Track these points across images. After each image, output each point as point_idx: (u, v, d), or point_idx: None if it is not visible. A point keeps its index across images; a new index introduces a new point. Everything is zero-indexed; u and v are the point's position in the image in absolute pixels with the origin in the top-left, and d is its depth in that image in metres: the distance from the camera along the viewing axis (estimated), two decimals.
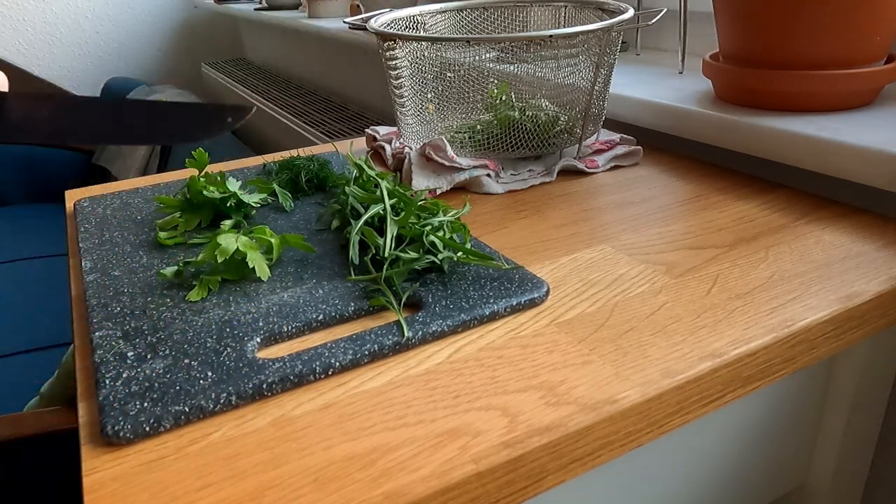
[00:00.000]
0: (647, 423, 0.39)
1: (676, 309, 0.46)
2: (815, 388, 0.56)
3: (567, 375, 0.39)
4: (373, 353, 0.41)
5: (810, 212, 0.60)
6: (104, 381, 0.39)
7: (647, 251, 0.54)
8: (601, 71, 0.69)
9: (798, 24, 0.63)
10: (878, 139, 0.58)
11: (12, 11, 2.48)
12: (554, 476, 0.36)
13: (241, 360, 0.40)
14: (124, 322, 0.45)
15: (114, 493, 0.32)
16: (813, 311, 0.45)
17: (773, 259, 0.52)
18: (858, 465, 0.61)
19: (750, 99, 0.70)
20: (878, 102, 0.68)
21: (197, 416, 0.37)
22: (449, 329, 0.43)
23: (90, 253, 0.56)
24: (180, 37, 2.79)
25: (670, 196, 0.65)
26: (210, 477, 0.33)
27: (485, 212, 0.63)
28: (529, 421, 0.36)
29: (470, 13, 0.83)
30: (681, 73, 0.87)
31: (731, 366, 0.41)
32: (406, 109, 0.73)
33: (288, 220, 0.61)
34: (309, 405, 0.38)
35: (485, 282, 0.48)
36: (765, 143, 0.65)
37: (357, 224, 0.51)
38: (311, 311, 0.45)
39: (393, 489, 0.32)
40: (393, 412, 0.37)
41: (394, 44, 0.68)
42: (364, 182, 0.60)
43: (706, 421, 0.46)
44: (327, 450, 0.35)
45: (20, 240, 2.01)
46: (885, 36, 0.64)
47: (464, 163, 0.68)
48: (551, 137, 0.70)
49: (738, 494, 0.55)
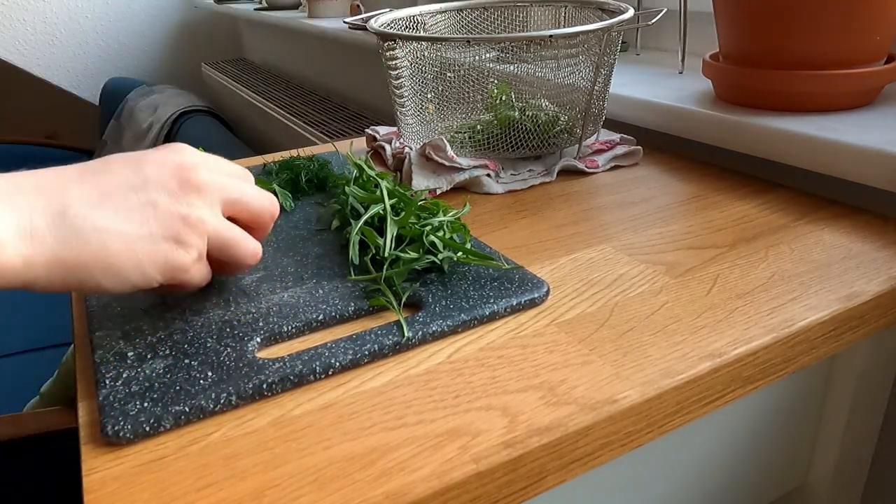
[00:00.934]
0: (647, 423, 0.39)
1: (676, 309, 0.46)
2: (815, 388, 0.56)
3: (567, 375, 0.39)
4: (373, 353, 0.41)
5: (810, 212, 0.60)
6: (104, 381, 0.39)
7: (647, 251, 0.54)
8: (601, 71, 0.69)
9: (798, 24, 0.63)
10: (878, 139, 0.58)
11: (12, 11, 2.48)
12: (554, 476, 0.36)
13: (241, 360, 0.40)
14: (124, 322, 0.45)
15: (114, 493, 0.32)
16: (813, 311, 0.45)
17: (773, 259, 0.52)
18: (858, 465, 0.61)
19: (750, 99, 0.70)
20: (878, 102, 0.68)
21: (197, 416, 0.37)
22: (449, 329, 0.43)
23: None
24: (180, 37, 2.79)
25: (670, 196, 0.65)
26: (210, 477, 0.33)
27: (485, 212, 0.63)
28: (529, 421, 0.36)
29: (470, 13, 0.83)
30: (681, 73, 0.87)
31: (731, 366, 0.41)
32: (406, 109, 0.73)
33: (288, 219, 0.61)
34: (309, 405, 0.38)
35: (485, 282, 0.48)
36: (765, 143, 0.65)
37: (357, 224, 0.51)
38: (311, 311, 0.45)
39: (393, 489, 0.32)
40: (393, 412, 0.37)
41: (394, 44, 0.68)
42: (364, 182, 0.60)
43: (706, 421, 0.46)
44: (327, 450, 0.35)
45: None
46: (884, 36, 0.64)
47: (464, 163, 0.68)
48: (551, 137, 0.70)
49: (738, 494, 0.55)
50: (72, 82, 2.64)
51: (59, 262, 0.34)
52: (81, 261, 0.35)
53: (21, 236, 0.34)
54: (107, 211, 0.36)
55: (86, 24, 2.61)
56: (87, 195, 0.36)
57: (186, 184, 0.39)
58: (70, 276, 0.35)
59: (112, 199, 0.37)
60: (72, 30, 2.60)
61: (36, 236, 0.34)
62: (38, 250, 0.34)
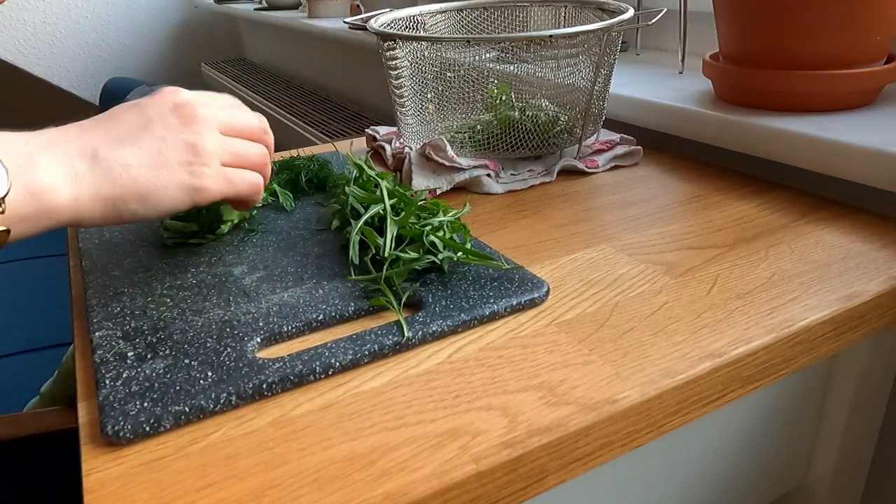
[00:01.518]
0: (647, 423, 0.39)
1: (676, 309, 0.46)
2: (815, 388, 0.56)
3: (567, 375, 0.39)
4: (373, 353, 0.41)
5: (810, 212, 0.60)
6: (104, 381, 0.39)
7: (647, 251, 0.54)
8: (601, 71, 0.69)
9: (798, 24, 0.63)
10: (878, 139, 0.58)
11: (12, 11, 2.48)
12: (554, 476, 0.36)
13: (241, 360, 0.40)
14: (124, 322, 0.45)
15: (114, 493, 0.32)
16: (813, 311, 0.45)
17: (773, 259, 0.52)
18: (858, 465, 0.61)
19: (750, 99, 0.70)
20: (878, 102, 0.68)
21: (197, 416, 0.37)
22: (449, 329, 0.43)
23: (90, 253, 0.56)
24: (180, 37, 2.79)
25: (670, 196, 0.65)
26: (210, 477, 0.33)
27: (485, 212, 0.63)
28: (529, 421, 0.36)
29: (470, 13, 0.83)
30: (681, 73, 0.87)
31: (731, 366, 0.41)
32: (406, 109, 0.73)
33: (288, 219, 0.61)
34: (309, 405, 0.38)
35: (485, 282, 0.48)
36: (765, 143, 0.65)
37: (357, 224, 0.51)
38: (311, 311, 0.45)
39: (393, 489, 0.32)
40: (393, 412, 0.37)
41: (394, 44, 0.68)
42: (364, 182, 0.60)
43: (706, 421, 0.46)
44: (327, 450, 0.35)
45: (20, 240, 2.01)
46: (884, 36, 0.64)
47: (464, 163, 0.68)
48: (551, 137, 0.70)
49: (738, 494, 0.55)
50: (72, 82, 2.63)
51: (100, 198, 0.41)
52: (117, 194, 0.41)
53: (68, 180, 0.40)
54: (127, 150, 0.42)
55: (86, 24, 2.61)
56: (106, 140, 0.42)
57: (186, 118, 0.45)
58: (109, 208, 0.41)
59: (127, 140, 0.43)
60: (72, 30, 2.59)
61: (78, 178, 0.40)
62: (83, 190, 0.40)
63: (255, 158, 0.49)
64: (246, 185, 0.47)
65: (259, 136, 0.50)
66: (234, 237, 0.58)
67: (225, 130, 0.47)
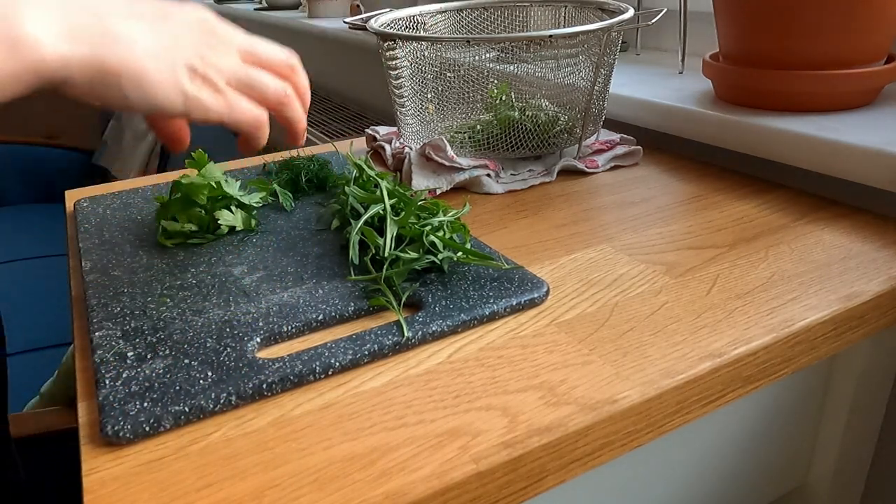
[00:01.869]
0: (647, 423, 0.39)
1: (676, 309, 0.46)
2: (815, 388, 0.56)
3: (567, 375, 0.39)
4: (373, 353, 0.41)
5: (810, 212, 0.60)
6: (104, 381, 0.39)
7: (647, 251, 0.54)
8: (601, 71, 0.69)
9: (798, 24, 0.63)
10: (878, 139, 0.58)
11: None
12: (554, 476, 0.36)
13: (241, 360, 0.40)
14: (124, 322, 0.45)
15: (114, 493, 0.32)
16: (813, 311, 0.45)
17: (773, 259, 0.52)
18: (858, 465, 0.61)
19: (750, 99, 0.70)
20: (878, 102, 0.68)
21: (197, 416, 0.37)
22: (449, 329, 0.43)
23: (90, 253, 0.56)
24: None
25: (670, 196, 0.65)
26: (210, 477, 0.33)
27: (485, 212, 0.63)
28: (529, 421, 0.36)
29: (470, 13, 0.83)
30: (681, 73, 0.87)
31: (731, 366, 0.41)
32: (406, 109, 0.73)
33: (288, 219, 0.61)
34: (309, 405, 0.38)
35: (485, 282, 0.48)
36: (765, 143, 0.65)
37: (357, 224, 0.51)
38: (311, 311, 0.45)
39: (393, 489, 0.32)
40: (393, 412, 0.37)
41: (394, 44, 0.68)
42: (364, 182, 0.60)
43: (706, 421, 0.46)
44: (327, 450, 0.35)
45: (20, 240, 2.01)
46: (885, 36, 0.64)
47: (464, 163, 0.68)
48: (551, 137, 0.70)
49: (738, 494, 0.55)
50: None
51: (91, 64, 0.37)
52: (110, 65, 0.38)
53: (62, 35, 0.36)
54: (138, 26, 0.39)
55: None
56: (121, 11, 0.39)
57: (206, 32, 0.42)
58: (98, 80, 0.37)
59: (143, 20, 0.40)
60: None
61: (74, 35, 0.36)
62: (75, 49, 0.36)
63: (271, 94, 0.45)
64: (247, 115, 0.43)
65: (285, 72, 0.47)
66: (234, 237, 0.58)
67: (244, 57, 0.44)
